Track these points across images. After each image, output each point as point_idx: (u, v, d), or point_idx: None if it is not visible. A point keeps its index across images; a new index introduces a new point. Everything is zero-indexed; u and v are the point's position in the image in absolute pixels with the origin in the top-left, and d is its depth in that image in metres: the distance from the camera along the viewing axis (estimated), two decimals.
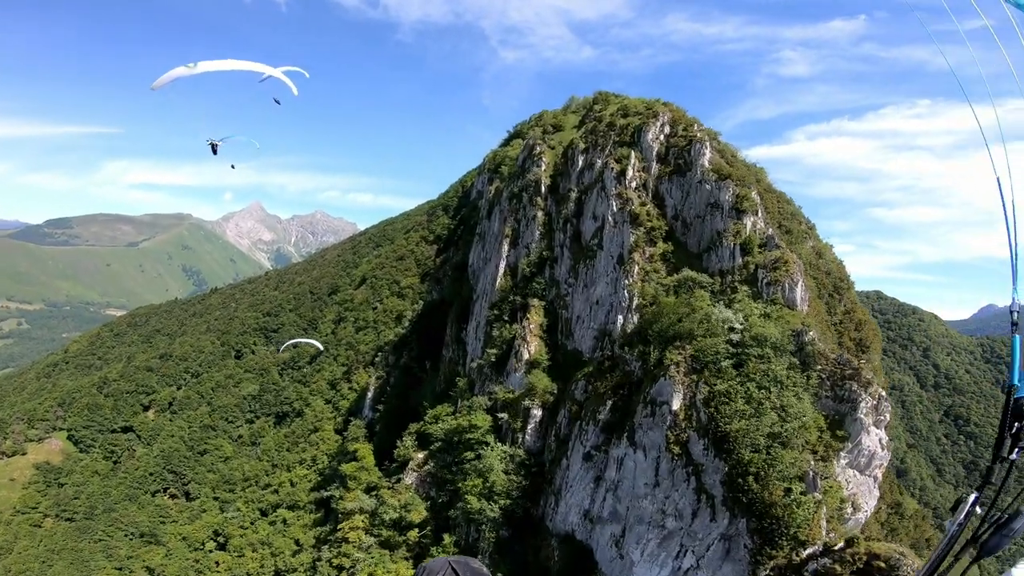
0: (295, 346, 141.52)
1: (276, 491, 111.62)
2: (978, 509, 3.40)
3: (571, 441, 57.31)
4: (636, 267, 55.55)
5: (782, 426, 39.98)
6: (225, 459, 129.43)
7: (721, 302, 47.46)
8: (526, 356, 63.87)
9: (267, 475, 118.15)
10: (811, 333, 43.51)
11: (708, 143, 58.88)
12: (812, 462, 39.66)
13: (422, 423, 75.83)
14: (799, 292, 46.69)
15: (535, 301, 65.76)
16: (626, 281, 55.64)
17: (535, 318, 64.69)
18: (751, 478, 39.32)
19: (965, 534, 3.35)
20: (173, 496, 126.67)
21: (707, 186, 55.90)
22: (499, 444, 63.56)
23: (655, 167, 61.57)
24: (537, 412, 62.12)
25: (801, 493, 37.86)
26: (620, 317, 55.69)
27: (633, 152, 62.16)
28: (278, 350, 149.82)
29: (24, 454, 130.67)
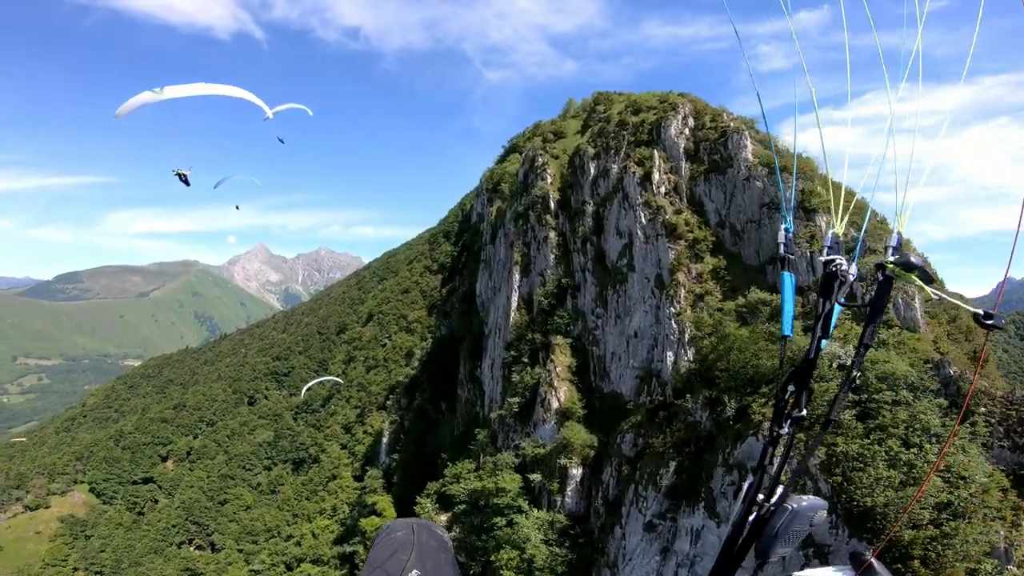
0: (311, 389, 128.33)
1: (299, 543, 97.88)
2: (762, 500, 2.54)
3: (625, 506, 42.95)
4: (682, 290, 41.15)
5: (951, 492, 25.85)
6: (246, 508, 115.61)
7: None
8: (555, 405, 49.40)
9: (289, 525, 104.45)
10: (952, 366, 29.19)
11: (747, 133, 44.67)
12: (1001, 531, 25.66)
13: (442, 482, 61.13)
14: (919, 308, 32.22)
15: (559, 339, 51.21)
16: (671, 308, 41.23)
17: (561, 359, 50.19)
18: (916, 562, 25.41)
19: None
20: (200, 547, 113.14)
21: (757, 183, 41.55)
22: (534, 510, 49.01)
23: (685, 166, 47.31)
24: (576, 471, 47.64)
25: (998, 572, 24.19)
26: (670, 354, 41.24)
27: (656, 151, 48.00)
28: (300, 394, 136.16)
29: (48, 507, 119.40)
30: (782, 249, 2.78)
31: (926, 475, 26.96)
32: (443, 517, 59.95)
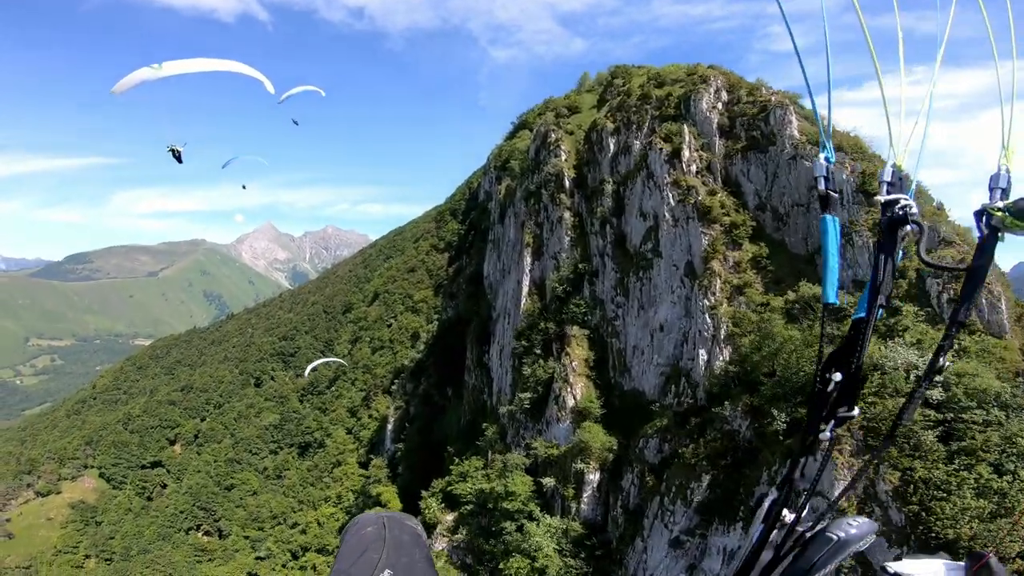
0: (315, 369, 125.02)
1: (304, 531, 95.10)
2: (788, 515, 1.99)
3: (647, 518, 38.56)
4: (717, 281, 35.85)
5: None
6: (252, 493, 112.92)
7: (878, 333, 27.82)
8: (571, 402, 44.59)
9: (295, 512, 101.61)
10: None
11: (791, 108, 38.68)
12: None
13: (448, 479, 56.99)
14: (1004, 310, 26.78)
15: (575, 329, 46.09)
16: (705, 301, 35.99)
17: (577, 352, 45.20)
18: None
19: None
20: (207, 533, 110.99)
21: (806, 163, 35.76)
22: (546, 516, 44.71)
23: (719, 143, 41.47)
24: (593, 477, 43.10)
25: None
26: (702, 352, 36.14)
27: (685, 126, 42.19)
28: (304, 374, 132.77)
29: (59, 493, 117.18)
30: (822, 184, 1.97)
31: (1021, 505, 22.35)
32: (449, 517, 56.03)
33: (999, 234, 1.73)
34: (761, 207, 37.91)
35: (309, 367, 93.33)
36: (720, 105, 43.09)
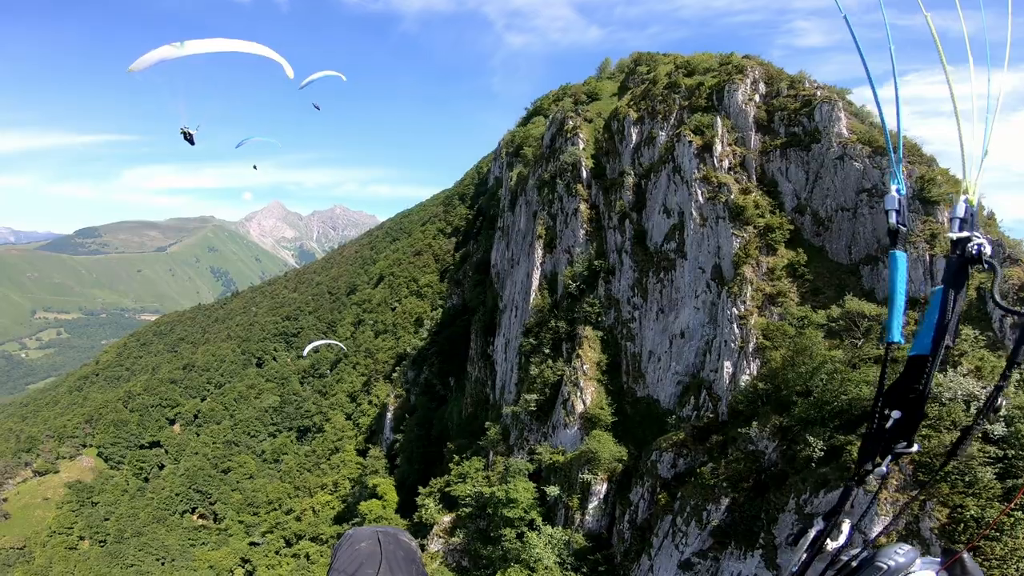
0: (316, 351, 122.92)
1: (299, 518, 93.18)
2: (830, 544, 2.12)
3: (657, 536, 35.71)
4: (748, 288, 32.51)
5: None
6: (249, 476, 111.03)
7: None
8: (580, 408, 41.61)
9: (290, 498, 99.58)
10: None
11: (840, 103, 35.01)
12: None
13: (447, 479, 54.37)
14: None
15: (587, 330, 42.89)
16: (733, 309, 32.72)
17: (589, 354, 42.07)
18: None
19: None
20: (203, 516, 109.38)
21: (856, 164, 32.13)
22: (548, 526, 42.03)
23: (755, 138, 37.91)
24: (600, 488, 40.29)
25: None
26: (727, 364, 32.96)
27: (719, 119, 38.59)
28: (301, 356, 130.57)
29: (56, 472, 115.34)
30: (893, 218, 1.96)
31: None
32: (446, 518, 53.47)
33: None
34: (800, 209, 34.42)
35: (308, 347, 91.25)
36: (757, 97, 39.40)
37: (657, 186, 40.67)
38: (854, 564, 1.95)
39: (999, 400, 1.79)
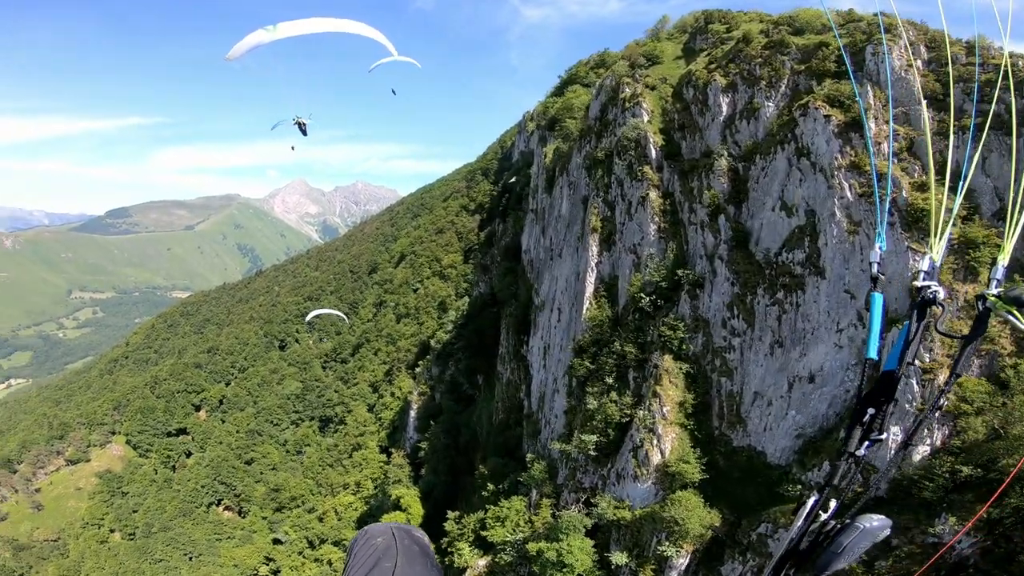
0: (318, 317, 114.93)
1: (321, 519, 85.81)
2: (823, 515, 2.39)
3: None
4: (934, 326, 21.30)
5: None
6: (272, 468, 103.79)
7: None
8: (656, 459, 30.91)
9: (312, 495, 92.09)
10: None
11: None
12: None
13: (481, 517, 44.41)
14: None
15: (667, 360, 31.74)
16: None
17: (670, 392, 31.13)
18: None
19: None
20: (228, 508, 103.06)
21: None
22: None
23: (927, 116, 25.99)
24: (682, 561, 29.94)
25: None
26: (895, 428, 21.98)
27: (870, 87, 26.41)
28: (327, 340, 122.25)
29: (88, 460, 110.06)
30: (875, 269, 2.57)
31: None
32: (481, 562, 43.88)
33: (989, 313, 2.22)
34: (999, 215, 22.60)
35: (311, 314, 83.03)
36: (919, 63, 27.00)
37: (769, 173, 28.76)
38: (839, 526, 2.23)
39: (942, 401, 2.48)
